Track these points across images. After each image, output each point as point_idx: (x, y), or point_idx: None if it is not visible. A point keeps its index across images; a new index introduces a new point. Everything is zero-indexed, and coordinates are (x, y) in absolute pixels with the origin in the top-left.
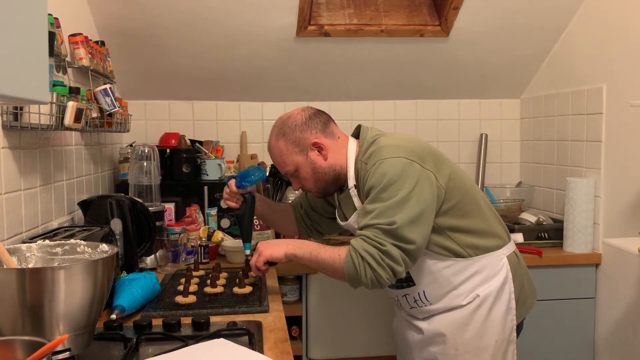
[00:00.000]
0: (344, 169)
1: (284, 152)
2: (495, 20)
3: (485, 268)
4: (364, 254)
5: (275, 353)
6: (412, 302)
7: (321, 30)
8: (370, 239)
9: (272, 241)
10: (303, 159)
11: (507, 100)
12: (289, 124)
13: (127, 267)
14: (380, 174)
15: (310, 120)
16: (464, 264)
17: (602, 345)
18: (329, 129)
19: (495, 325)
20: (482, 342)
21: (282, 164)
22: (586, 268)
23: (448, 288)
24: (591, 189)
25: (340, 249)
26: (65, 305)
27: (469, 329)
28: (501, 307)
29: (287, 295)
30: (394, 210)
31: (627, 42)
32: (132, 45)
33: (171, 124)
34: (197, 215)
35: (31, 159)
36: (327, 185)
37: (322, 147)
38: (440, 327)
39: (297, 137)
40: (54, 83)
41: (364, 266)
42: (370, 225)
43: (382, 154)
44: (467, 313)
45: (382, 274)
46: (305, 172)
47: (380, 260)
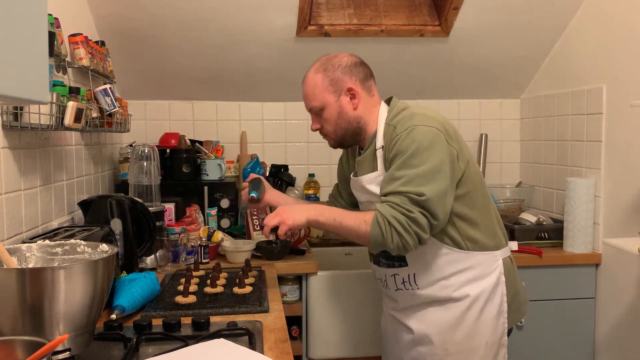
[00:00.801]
0: (368, 125)
1: (317, 87)
2: (495, 20)
3: (479, 265)
4: (391, 220)
5: (275, 353)
6: (400, 284)
7: (321, 30)
8: (399, 205)
9: (294, 207)
10: (333, 99)
11: (507, 100)
12: (333, 62)
13: (127, 267)
14: (411, 140)
15: (355, 67)
16: (459, 256)
17: (602, 345)
18: (368, 82)
19: (487, 327)
20: (473, 343)
21: (311, 98)
22: (586, 268)
23: (439, 276)
24: (591, 189)
25: (366, 215)
26: (65, 305)
27: (460, 329)
28: (493, 309)
29: (287, 295)
30: (422, 180)
31: (627, 42)
32: (132, 45)
33: (171, 124)
34: (197, 215)
35: (31, 159)
36: (346, 135)
37: (355, 96)
38: (430, 327)
39: (336, 77)
40: (54, 83)
41: (390, 232)
42: (398, 192)
43: (414, 121)
44: (458, 313)
45: (408, 240)
46: (330, 114)
47: (408, 227)
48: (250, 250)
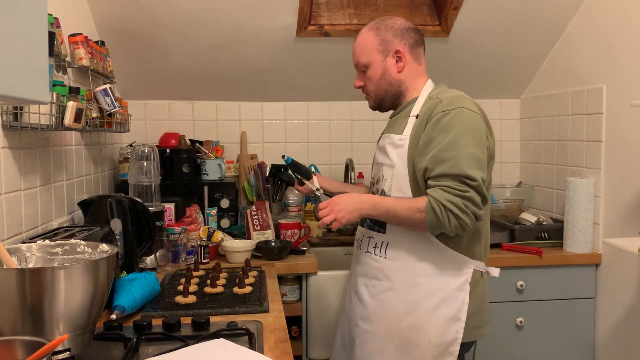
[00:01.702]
0: (408, 92)
1: (367, 44)
2: (495, 20)
3: (450, 261)
4: (447, 204)
5: (275, 353)
6: (371, 247)
7: (321, 30)
8: (453, 188)
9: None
10: (380, 59)
11: (507, 100)
12: (387, 23)
13: (127, 267)
14: (460, 120)
15: (406, 32)
16: (435, 245)
17: (602, 345)
18: (417, 49)
19: (435, 325)
20: (416, 336)
21: (359, 54)
22: (586, 268)
23: (409, 256)
24: (591, 189)
25: (417, 202)
26: (65, 305)
27: (409, 317)
28: (448, 311)
29: (287, 295)
30: (471, 163)
31: (627, 42)
32: (132, 45)
33: (171, 124)
34: (197, 215)
35: (31, 159)
36: (386, 97)
37: (402, 59)
38: (383, 306)
39: (386, 38)
40: (54, 83)
41: (447, 215)
42: (449, 175)
43: (464, 103)
44: (413, 299)
45: (466, 220)
46: (374, 73)
47: (465, 208)
48: (250, 250)
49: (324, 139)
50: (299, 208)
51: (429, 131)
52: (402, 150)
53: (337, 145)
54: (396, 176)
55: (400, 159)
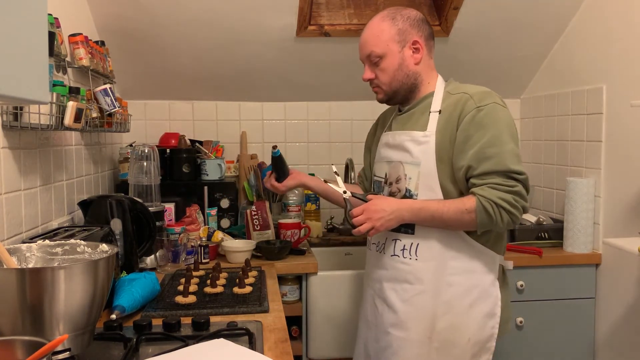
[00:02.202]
0: (423, 85)
1: (383, 34)
2: (495, 20)
3: (481, 258)
4: (499, 201)
5: (275, 353)
6: (398, 250)
7: (321, 30)
8: (501, 185)
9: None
10: (397, 49)
11: (507, 100)
12: (402, 13)
13: (127, 267)
14: (497, 117)
15: (422, 23)
16: (467, 242)
17: (602, 345)
18: (430, 42)
19: (474, 323)
20: (455, 336)
21: (373, 44)
22: (586, 268)
23: (440, 254)
24: (591, 189)
25: (465, 203)
26: (65, 305)
27: (446, 318)
28: (484, 307)
29: (287, 295)
30: (514, 159)
31: (627, 42)
32: (132, 45)
33: (171, 124)
34: (197, 215)
35: (31, 159)
36: (400, 89)
37: (419, 50)
38: (418, 310)
39: (404, 28)
40: (54, 83)
41: (499, 212)
42: (496, 172)
43: (495, 99)
44: (448, 299)
45: (517, 214)
46: (390, 64)
47: (515, 203)
48: (250, 250)
49: (324, 139)
50: (299, 208)
51: (465, 129)
52: (428, 147)
53: (337, 145)
54: (423, 174)
55: (426, 156)
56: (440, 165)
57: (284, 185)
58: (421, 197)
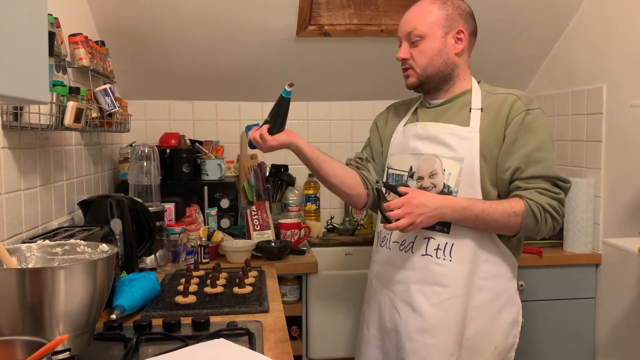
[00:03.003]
0: (459, 78)
1: (430, 15)
2: (495, 20)
3: (508, 264)
4: (547, 207)
5: (275, 353)
6: (431, 250)
7: (321, 30)
8: (548, 190)
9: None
10: (440, 34)
11: None
12: (454, 2)
13: (127, 267)
14: (544, 122)
15: (470, 17)
16: (498, 246)
17: (602, 345)
18: (473, 38)
19: (500, 331)
20: (482, 343)
21: (418, 22)
22: (586, 268)
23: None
24: (591, 189)
25: (513, 206)
26: (65, 305)
27: (473, 324)
28: (509, 315)
29: (287, 295)
30: (556, 166)
31: (627, 42)
32: (132, 45)
33: (171, 124)
34: (197, 215)
35: (31, 159)
36: (435, 76)
37: (462, 41)
38: (448, 315)
39: (453, 15)
40: (54, 83)
41: (546, 218)
42: (543, 177)
43: (537, 104)
44: (478, 305)
45: (560, 221)
46: (429, 47)
47: (560, 210)
48: (250, 250)
49: (324, 139)
50: (299, 208)
51: (515, 130)
52: (472, 143)
53: (337, 145)
54: (465, 171)
55: (470, 152)
56: (484, 164)
57: (275, 139)
58: (461, 195)
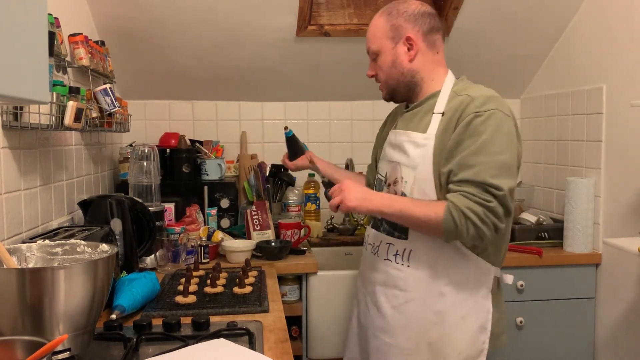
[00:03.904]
0: (425, 83)
1: (378, 29)
2: (495, 20)
3: (475, 270)
4: (467, 212)
5: (275, 353)
6: (391, 255)
7: (321, 30)
8: (475, 195)
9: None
10: (390, 46)
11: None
12: (399, 8)
13: (127, 267)
14: (492, 125)
15: (420, 17)
16: (461, 252)
17: (602, 345)
18: (432, 36)
19: (465, 337)
20: (444, 349)
21: (371, 40)
22: (586, 268)
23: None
24: (591, 189)
25: (436, 207)
26: (65, 305)
27: (436, 328)
28: (475, 321)
29: (287, 295)
30: (498, 172)
31: (627, 42)
32: (132, 45)
33: (171, 124)
34: (197, 215)
35: (31, 159)
36: (398, 87)
37: (413, 47)
38: (407, 318)
39: (397, 23)
40: (54, 83)
41: (466, 224)
42: (473, 182)
43: (496, 104)
44: (439, 310)
45: (485, 231)
46: (384, 61)
47: (485, 218)
48: (250, 250)
49: (324, 139)
50: (299, 208)
51: (460, 133)
52: (426, 150)
53: (337, 145)
54: (419, 179)
55: (423, 159)
56: (437, 171)
57: (294, 164)
58: None
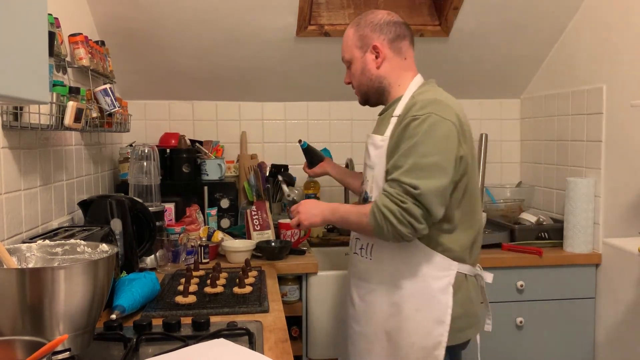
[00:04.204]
0: (392, 88)
1: (349, 40)
2: (495, 20)
3: (433, 264)
4: (384, 210)
5: (275, 353)
6: (358, 248)
7: (321, 30)
8: (392, 195)
9: (311, 205)
10: (359, 55)
11: (507, 100)
12: (367, 19)
13: (127, 267)
14: (425, 128)
15: (386, 26)
16: (419, 247)
17: (602, 345)
18: (399, 43)
19: (418, 328)
20: (400, 339)
21: (344, 49)
22: (586, 268)
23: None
24: (591, 189)
25: (365, 208)
26: (65, 305)
27: (394, 319)
28: (431, 314)
29: (287, 295)
30: (422, 173)
31: (627, 42)
32: (132, 45)
33: (171, 124)
34: (197, 215)
35: (31, 159)
36: (369, 92)
37: (379, 55)
38: (370, 307)
39: (364, 33)
40: (54, 83)
41: (384, 222)
42: (396, 181)
43: (433, 108)
44: (396, 301)
45: (402, 230)
46: (356, 69)
47: (401, 217)
48: (250, 250)
49: (324, 139)
50: None
51: (398, 135)
52: (382, 151)
53: (337, 145)
54: (376, 178)
55: (380, 160)
56: None
57: (312, 171)
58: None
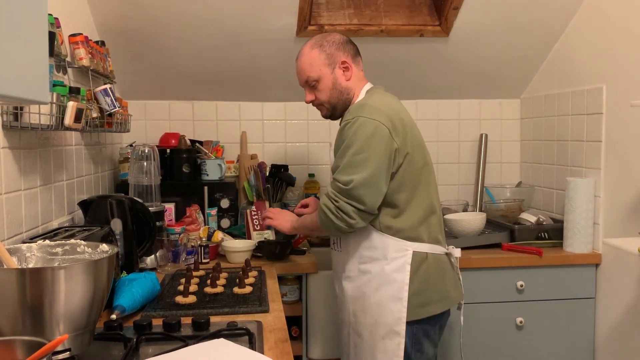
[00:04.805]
0: (355, 98)
1: (314, 60)
2: (495, 20)
3: (386, 247)
4: (324, 208)
5: (275, 353)
6: (332, 244)
7: (321, 30)
8: (329, 194)
9: (284, 214)
10: (329, 72)
11: (507, 100)
12: (328, 39)
13: (127, 267)
14: (353, 131)
15: (346, 44)
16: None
17: (602, 345)
18: (357, 59)
19: (380, 306)
20: (365, 318)
21: (308, 70)
22: (586, 268)
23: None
24: (591, 189)
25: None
26: (65, 305)
27: (359, 302)
28: (387, 291)
29: (287, 295)
30: (352, 169)
31: (627, 42)
32: (132, 45)
33: (171, 124)
34: (197, 215)
35: (31, 159)
36: (338, 104)
37: (349, 68)
38: (344, 295)
39: (331, 52)
40: (54, 83)
41: (326, 218)
42: (333, 181)
43: (361, 112)
44: (359, 285)
45: (340, 224)
46: (325, 85)
47: (337, 213)
48: (250, 250)
49: (324, 139)
50: None
51: (337, 140)
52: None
53: None
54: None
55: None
56: None
57: None
58: None
